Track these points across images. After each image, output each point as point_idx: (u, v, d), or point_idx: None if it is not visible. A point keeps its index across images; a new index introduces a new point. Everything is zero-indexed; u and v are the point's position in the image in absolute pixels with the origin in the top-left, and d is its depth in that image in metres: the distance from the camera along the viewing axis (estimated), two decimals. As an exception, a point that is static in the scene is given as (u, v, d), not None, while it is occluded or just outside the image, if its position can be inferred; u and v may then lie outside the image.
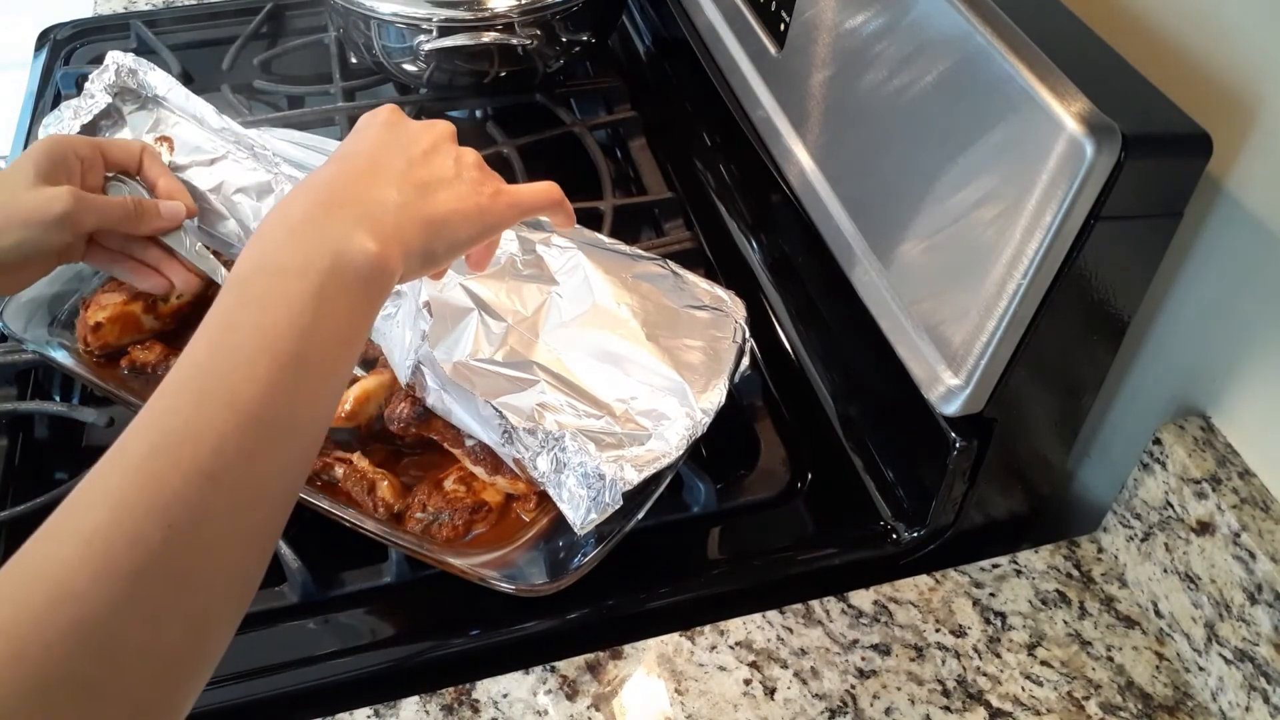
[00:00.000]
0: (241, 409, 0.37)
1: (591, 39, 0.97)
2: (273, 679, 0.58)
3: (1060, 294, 0.52)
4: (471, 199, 0.48)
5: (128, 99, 0.68)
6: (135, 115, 0.68)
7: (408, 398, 0.63)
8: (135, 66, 0.67)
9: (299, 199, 0.44)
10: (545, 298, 0.67)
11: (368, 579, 0.62)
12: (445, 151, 0.49)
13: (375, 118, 0.50)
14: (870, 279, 0.63)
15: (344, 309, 0.41)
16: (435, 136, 0.50)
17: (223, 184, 0.66)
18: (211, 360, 0.38)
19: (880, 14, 0.61)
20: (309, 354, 0.39)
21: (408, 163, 0.47)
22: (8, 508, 0.65)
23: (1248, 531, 0.54)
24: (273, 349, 0.38)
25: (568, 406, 0.61)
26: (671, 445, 0.60)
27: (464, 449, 0.62)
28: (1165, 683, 0.59)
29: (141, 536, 0.34)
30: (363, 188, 0.45)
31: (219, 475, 0.36)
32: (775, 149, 0.75)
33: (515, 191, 0.51)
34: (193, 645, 0.36)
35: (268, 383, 0.37)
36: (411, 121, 0.50)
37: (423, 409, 0.63)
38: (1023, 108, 0.50)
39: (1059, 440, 0.65)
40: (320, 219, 0.42)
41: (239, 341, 0.38)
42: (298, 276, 0.40)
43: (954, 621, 0.61)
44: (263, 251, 0.41)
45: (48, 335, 0.69)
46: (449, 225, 0.47)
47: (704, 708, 0.57)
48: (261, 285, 0.40)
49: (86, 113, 0.68)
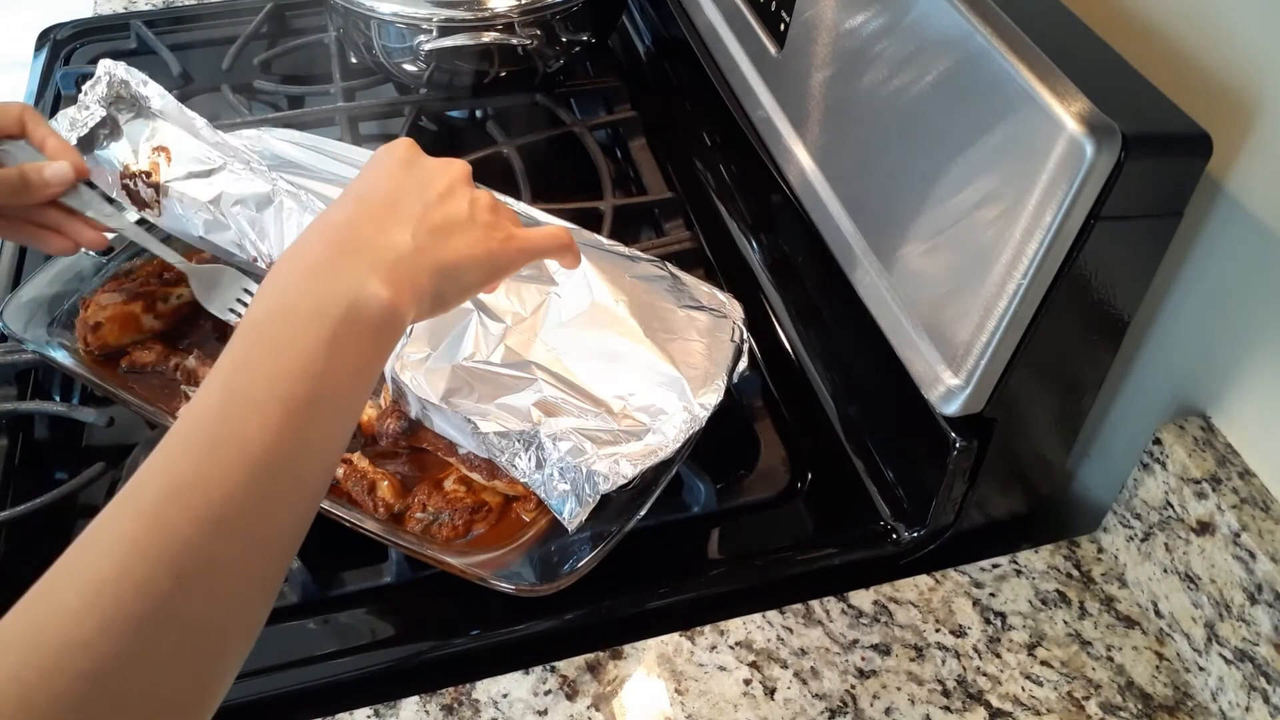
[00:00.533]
0: (253, 456, 0.37)
1: (591, 39, 0.97)
2: (273, 679, 0.58)
3: (1060, 294, 0.52)
4: (483, 244, 0.48)
5: (123, 108, 0.68)
6: (131, 125, 0.68)
7: (394, 413, 0.63)
8: (127, 77, 0.66)
9: (315, 241, 0.44)
10: (544, 298, 0.67)
11: (368, 579, 0.62)
12: (460, 194, 0.49)
13: (392, 154, 0.49)
14: (870, 279, 0.63)
15: (356, 355, 0.41)
16: (451, 179, 0.49)
17: (221, 195, 0.65)
18: (224, 406, 0.38)
19: (880, 14, 0.61)
20: (321, 400, 0.39)
21: (424, 206, 0.47)
22: (8, 508, 0.65)
23: (1248, 531, 0.54)
24: (285, 395, 0.38)
25: (566, 404, 0.61)
26: (669, 439, 0.60)
27: (458, 457, 0.62)
28: (1165, 683, 0.59)
29: (150, 585, 0.34)
30: (378, 231, 0.45)
31: (229, 522, 0.36)
32: (775, 149, 0.75)
33: (525, 236, 0.52)
34: (199, 691, 0.36)
35: (279, 430, 0.37)
36: (428, 160, 0.50)
37: (408, 423, 0.63)
38: (1023, 108, 0.50)
39: (1059, 440, 0.65)
40: (335, 264, 0.42)
41: (251, 388, 0.38)
42: (311, 322, 0.40)
43: (954, 621, 0.61)
44: (277, 295, 0.41)
45: (47, 335, 0.69)
46: (460, 269, 0.47)
47: (704, 708, 0.57)
48: (274, 330, 0.40)
49: (83, 125, 0.67)
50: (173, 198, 0.67)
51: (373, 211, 0.46)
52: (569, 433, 0.58)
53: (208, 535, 0.35)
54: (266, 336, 0.40)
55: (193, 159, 0.66)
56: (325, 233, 0.44)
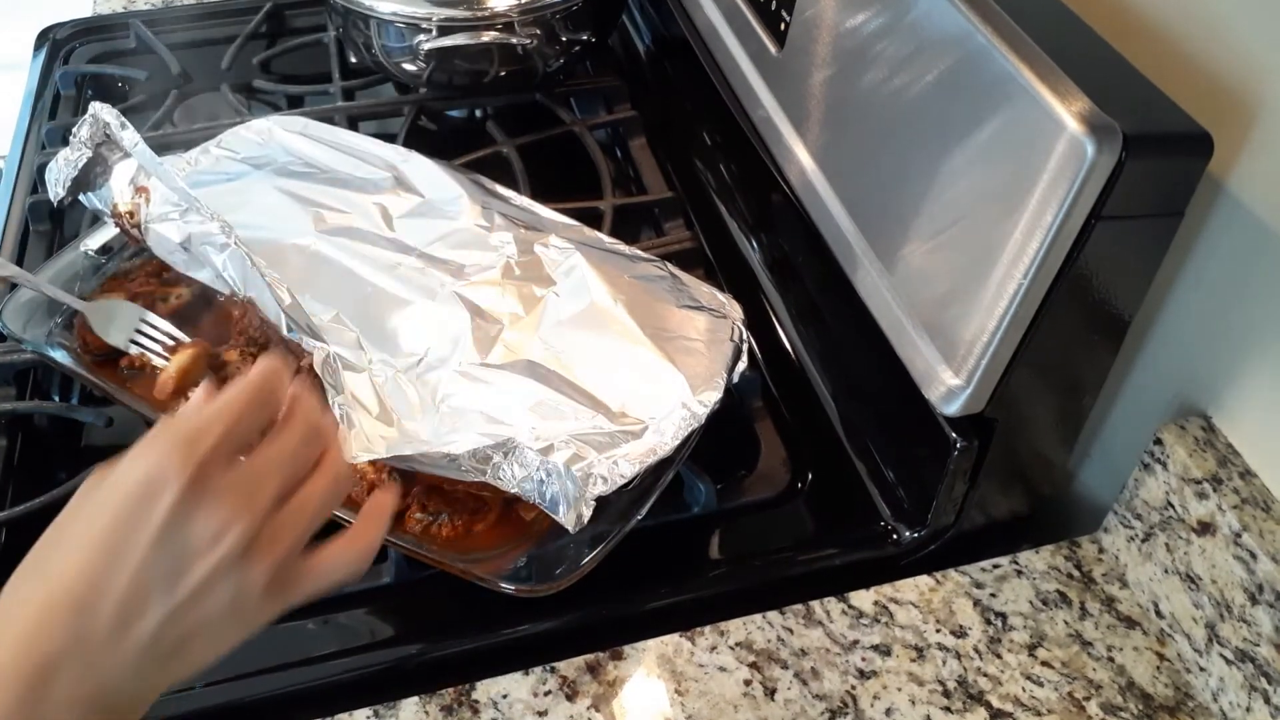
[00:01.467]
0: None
1: (591, 39, 0.97)
2: (273, 679, 0.58)
3: (1061, 294, 0.52)
4: (240, 631, 0.40)
5: (112, 148, 0.71)
6: (120, 165, 0.71)
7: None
8: (109, 119, 0.68)
9: (10, 656, 0.33)
10: (542, 298, 0.67)
11: (367, 579, 0.62)
12: (227, 561, 0.37)
13: (120, 491, 0.37)
14: (871, 279, 0.63)
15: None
16: (218, 525, 0.37)
17: (190, 236, 0.68)
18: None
19: (880, 13, 0.61)
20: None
21: (167, 612, 0.36)
22: (8, 508, 0.65)
23: (1249, 532, 0.54)
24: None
25: (564, 405, 0.61)
26: (667, 437, 0.60)
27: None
28: (1166, 683, 0.58)
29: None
30: (91, 645, 0.34)
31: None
32: (775, 149, 0.75)
33: (314, 573, 0.42)
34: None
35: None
36: (187, 502, 0.37)
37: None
38: (1023, 107, 0.50)
39: (1060, 440, 0.65)
40: (30, 706, 0.32)
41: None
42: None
43: (954, 622, 0.61)
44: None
45: (47, 335, 0.69)
46: (203, 664, 0.39)
47: (704, 708, 0.56)
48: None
49: (74, 166, 0.70)
50: (153, 238, 0.70)
51: (81, 600, 0.35)
52: (568, 439, 0.58)
53: None
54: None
55: (167, 201, 0.69)
56: (15, 647, 0.34)
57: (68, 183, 0.70)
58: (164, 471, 0.37)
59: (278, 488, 0.40)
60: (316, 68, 1.04)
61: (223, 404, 0.40)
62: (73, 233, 0.84)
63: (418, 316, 0.65)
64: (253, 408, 0.40)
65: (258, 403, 0.40)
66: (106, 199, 0.71)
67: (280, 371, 0.41)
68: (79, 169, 0.70)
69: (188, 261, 0.69)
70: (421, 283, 0.67)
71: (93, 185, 0.71)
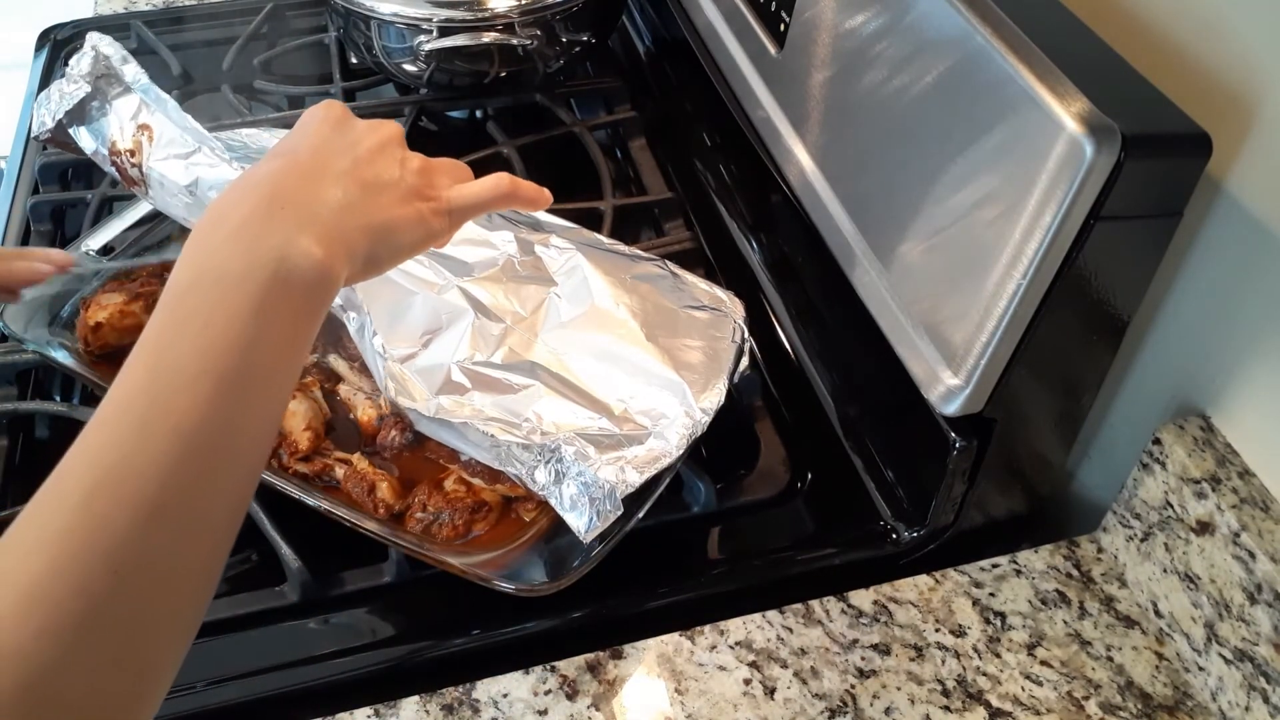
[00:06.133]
0: (186, 436, 0.35)
1: (591, 39, 0.97)
2: (273, 679, 0.58)
3: (1060, 294, 0.52)
4: (413, 205, 0.46)
5: (112, 82, 0.66)
6: (120, 100, 0.67)
7: (396, 424, 0.63)
8: (109, 52, 0.65)
9: (238, 200, 0.41)
10: (544, 298, 0.67)
11: (368, 579, 0.62)
12: (390, 154, 0.47)
13: (321, 112, 0.47)
14: (870, 279, 0.63)
15: (287, 319, 0.39)
16: (381, 138, 0.47)
17: (198, 180, 0.64)
18: (151, 383, 0.36)
19: (880, 14, 0.61)
20: (252, 370, 0.37)
21: (353, 162, 0.45)
22: (8, 508, 0.65)
23: (1247, 531, 0.54)
24: (215, 369, 0.36)
25: (566, 407, 0.61)
26: (671, 444, 0.60)
27: (460, 464, 0.62)
28: (1165, 682, 0.59)
29: (87, 585, 0.32)
30: (305, 186, 0.42)
31: (165, 510, 0.34)
32: (775, 149, 0.75)
33: (460, 195, 0.49)
34: (139, 690, 0.34)
35: (211, 405, 0.35)
36: (358, 120, 0.48)
37: (413, 434, 0.63)
38: (1022, 108, 0.50)
39: (1059, 440, 0.65)
40: (261, 221, 0.40)
41: (179, 362, 0.36)
42: (237, 286, 0.37)
43: (954, 621, 0.61)
44: (201, 259, 0.39)
45: (48, 335, 0.69)
46: (392, 230, 0.45)
47: (704, 707, 0.57)
48: (200, 298, 0.38)
49: (71, 98, 0.66)
50: (155, 178, 0.66)
51: (300, 165, 0.43)
52: (572, 437, 0.58)
53: (143, 525, 0.33)
54: (191, 305, 0.37)
55: (172, 140, 0.65)
56: (249, 190, 0.41)
57: (60, 114, 0.66)
58: (324, 105, 0.48)
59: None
60: (317, 68, 1.05)
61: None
62: (74, 233, 0.84)
63: (419, 307, 0.65)
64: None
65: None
66: (101, 135, 0.67)
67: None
68: (75, 101, 0.66)
69: (190, 206, 0.66)
70: (425, 277, 0.67)
71: (87, 119, 0.67)
